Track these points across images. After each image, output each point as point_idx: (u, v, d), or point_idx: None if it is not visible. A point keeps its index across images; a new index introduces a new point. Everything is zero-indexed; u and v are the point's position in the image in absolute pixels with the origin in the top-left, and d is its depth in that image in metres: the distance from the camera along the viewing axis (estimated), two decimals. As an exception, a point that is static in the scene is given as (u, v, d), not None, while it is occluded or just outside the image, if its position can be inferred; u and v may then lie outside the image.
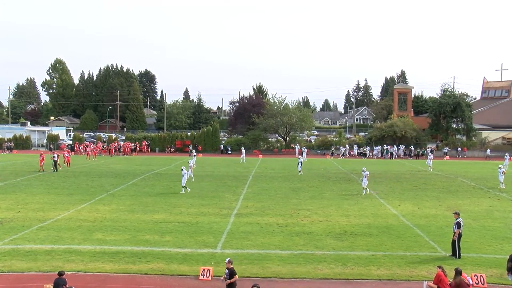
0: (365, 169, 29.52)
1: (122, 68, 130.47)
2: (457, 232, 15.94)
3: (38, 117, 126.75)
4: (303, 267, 14.73)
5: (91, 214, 21.61)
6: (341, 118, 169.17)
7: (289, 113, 69.36)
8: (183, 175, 28.45)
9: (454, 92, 72.56)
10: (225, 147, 68.16)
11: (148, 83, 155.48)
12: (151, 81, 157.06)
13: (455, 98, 68.02)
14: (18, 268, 14.22)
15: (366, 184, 28.86)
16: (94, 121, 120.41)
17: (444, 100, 67.83)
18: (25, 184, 31.50)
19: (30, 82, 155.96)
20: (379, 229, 19.73)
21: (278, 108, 70.98)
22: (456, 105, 66.37)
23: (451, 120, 68.63)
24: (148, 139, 69.87)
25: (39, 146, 71.06)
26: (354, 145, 67.36)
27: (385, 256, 15.93)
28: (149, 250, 16.16)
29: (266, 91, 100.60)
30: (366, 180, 28.85)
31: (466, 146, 64.97)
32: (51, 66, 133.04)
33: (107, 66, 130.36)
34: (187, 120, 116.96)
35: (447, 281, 11.90)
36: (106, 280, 13.48)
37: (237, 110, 79.48)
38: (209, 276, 13.63)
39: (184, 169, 28.99)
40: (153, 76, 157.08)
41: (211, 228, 19.43)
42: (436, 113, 68.46)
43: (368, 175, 29.01)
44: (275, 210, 23.48)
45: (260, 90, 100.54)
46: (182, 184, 28.51)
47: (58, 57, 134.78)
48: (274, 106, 71.90)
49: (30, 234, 18.05)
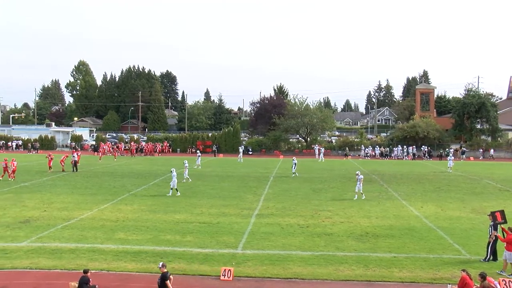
0: (359, 173, 27.84)
1: (144, 69, 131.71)
2: (493, 234, 15.51)
3: (62, 118, 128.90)
4: (324, 268, 14.63)
5: (114, 214, 21.91)
6: (362, 119, 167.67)
7: (310, 113, 69.09)
8: (173, 177, 27.61)
9: (478, 92, 71.21)
10: (246, 148, 68.32)
11: (170, 84, 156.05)
12: (172, 82, 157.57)
13: (480, 98, 66.71)
14: (44, 266, 14.50)
15: (361, 188, 27.08)
16: (116, 122, 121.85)
17: (468, 100, 66.60)
18: (50, 184, 32.15)
19: (55, 83, 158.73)
20: (401, 230, 19.48)
21: (299, 109, 70.79)
22: (481, 105, 65.09)
23: (475, 120, 67.36)
24: (170, 140, 70.49)
25: (63, 147, 72.39)
26: (375, 145, 66.74)
27: (407, 258, 15.71)
28: (171, 250, 16.28)
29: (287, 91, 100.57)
30: (360, 185, 27.07)
31: (491, 147, 63.61)
32: (75, 68, 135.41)
33: (129, 67, 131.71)
34: (208, 121, 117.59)
35: (472, 285, 11.63)
36: (129, 279, 13.61)
37: (258, 110, 79.62)
38: (230, 276, 13.64)
39: (173, 170, 28.13)
40: (174, 77, 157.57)
41: (232, 228, 19.47)
42: (459, 113, 67.30)
43: (362, 179, 27.33)
44: (296, 211, 23.41)
45: (281, 90, 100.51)
46: (171, 186, 27.65)
47: (82, 59, 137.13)
48: (295, 107, 71.75)
49: (55, 232, 18.40)
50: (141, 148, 64.43)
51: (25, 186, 30.92)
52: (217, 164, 50.22)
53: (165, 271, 11.77)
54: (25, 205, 23.91)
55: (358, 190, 27.02)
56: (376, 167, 48.07)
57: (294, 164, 38.81)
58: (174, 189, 27.43)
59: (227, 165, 48.84)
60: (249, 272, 14.23)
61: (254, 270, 14.40)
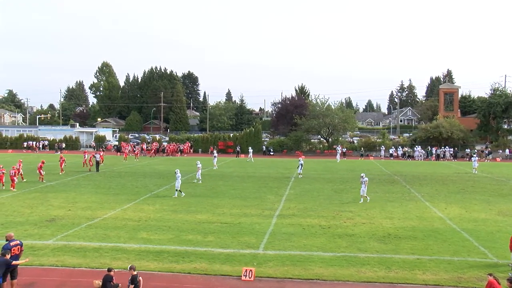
0: (363, 175, 26.66)
1: (166, 70, 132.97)
2: None
3: (86, 118, 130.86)
4: (346, 270, 14.51)
5: (136, 214, 22.16)
6: (384, 119, 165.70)
7: (331, 114, 68.73)
8: (177, 178, 27.26)
9: (505, 92, 69.64)
10: (267, 148, 68.33)
11: (191, 85, 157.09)
12: (194, 82, 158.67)
13: (507, 98, 65.24)
14: (69, 263, 14.77)
15: (365, 192, 26.08)
16: (139, 122, 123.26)
17: (494, 100, 65.23)
18: (74, 183, 32.75)
19: (79, 85, 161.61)
20: (424, 232, 19.19)
21: (320, 109, 70.45)
22: (508, 104, 63.69)
23: (502, 120, 65.93)
24: (191, 140, 70.95)
25: (87, 147, 73.53)
26: (398, 146, 65.97)
27: (431, 261, 15.46)
28: (192, 249, 16.36)
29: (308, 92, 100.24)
30: (365, 188, 26.06)
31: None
32: (98, 69, 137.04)
33: (151, 68, 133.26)
34: (229, 121, 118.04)
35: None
36: (151, 278, 13.71)
37: (279, 111, 79.56)
38: (251, 276, 13.64)
39: (178, 171, 27.67)
40: (196, 77, 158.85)
41: (253, 229, 19.48)
42: (485, 113, 65.99)
43: (367, 182, 26.40)
44: (317, 211, 23.30)
45: (303, 91, 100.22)
46: (176, 187, 27.22)
47: (105, 60, 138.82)
48: (316, 107, 71.44)
49: (80, 231, 18.73)
50: (163, 149, 65.05)
51: (50, 185, 31.59)
52: (238, 164, 50.37)
53: (135, 274, 11.78)
54: (51, 204, 24.46)
55: (363, 193, 26.09)
56: (399, 168, 47.50)
57: (300, 164, 38.37)
58: (178, 191, 27.13)
59: (249, 165, 48.93)
60: (270, 272, 14.21)
61: (275, 270, 14.38)
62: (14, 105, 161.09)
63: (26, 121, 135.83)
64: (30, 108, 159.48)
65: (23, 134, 76.58)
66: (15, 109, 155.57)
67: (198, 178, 33.85)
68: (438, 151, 60.88)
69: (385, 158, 61.84)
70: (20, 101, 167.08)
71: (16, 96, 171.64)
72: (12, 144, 73.48)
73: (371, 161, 57.82)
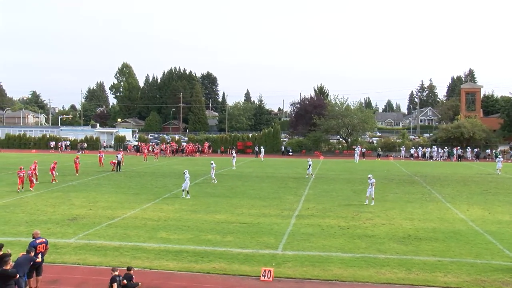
0: (371, 177, 25.83)
1: (185, 70, 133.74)
2: None
3: (107, 119, 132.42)
4: (365, 271, 14.40)
5: (156, 213, 22.33)
6: (404, 119, 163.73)
7: (350, 114, 68.28)
8: (185, 179, 27.12)
9: (530, 90, 68.18)
10: (286, 149, 68.23)
11: (210, 85, 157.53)
12: (213, 83, 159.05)
13: (532, 97, 63.93)
14: (91, 262, 14.99)
15: (373, 193, 25.26)
16: (158, 122, 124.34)
17: (518, 99, 63.95)
18: (95, 183, 33.22)
19: (99, 85, 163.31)
20: (445, 234, 18.90)
21: (339, 109, 70.05)
22: (533, 103, 62.37)
23: (527, 120, 64.58)
24: (210, 140, 71.26)
25: (108, 147, 74.36)
26: (418, 146, 65.15)
27: (452, 263, 15.21)
28: (211, 249, 16.41)
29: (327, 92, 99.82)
30: (372, 189, 25.20)
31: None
32: (119, 70, 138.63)
33: (170, 69, 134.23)
34: (248, 122, 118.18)
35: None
36: (170, 277, 13.82)
37: (298, 111, 79.41)
38: (270, 277, 13.62)
39: (186, 172, 27.66)
40: (215, 78, 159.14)
41: (272, 229, 19.46)
42: (508, 113, 64.77)
43: (374, 183, 25.46)
44: (336, 212, 23.17)
45: (321, 91, 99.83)
46: (183, 187, 27.10)
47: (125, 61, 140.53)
48: (335, 107, 71.05)
49: (100, 230, 18.99)
50: (182, 149, 65.45)
51: (72, 185, 32.09)
52: (257, 164, 50.42)
53: (116, 274, 11.73)
54: (72, 203, 24.86)
55: (370, 194, 25.34)
56: (419, 168, 46.91)
57: (309, 165, 38.00)
58: (185, 191, 26.97)
59: (267, 165, 48.93)
60: (289, 273, 14.18)
61: (294, 271, 14.34)
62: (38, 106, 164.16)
63: (48, 122, 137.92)
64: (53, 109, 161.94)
65: (46, 135, 77.81)
66: (38, 110, 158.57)
67: (213, 178, 33.92)
68: (459, 152, 59.91)
69: (405, 159, 61.15)
70: (43, 102, 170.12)
71: (39, 97, 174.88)
72: (35, 144, 74.84)
73: (391, 161, 57.23)
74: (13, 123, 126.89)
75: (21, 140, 76.47)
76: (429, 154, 60.97)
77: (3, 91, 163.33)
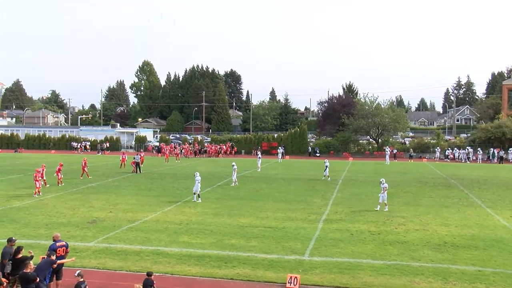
0: (383, 181, 24.57)
1: (208, 68, 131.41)
2: None
3: (127, 119, 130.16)
4: (398, 279, 13.61)
5: (177, 217, 21.91)
6: (439, 119, 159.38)
7: (381, 113, 66.58)
8: (196, 181, 26.00)
9: None
10: (313, 149, 67.18)
11: (234, 84, 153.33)
12: (237, 81, 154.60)
13: None
14: (111, 266, 14.68)
15: (385, 199, 23.83)
16: (180, 122, 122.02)
17: None
18: (115, 185, 32.97)
19: (120, 84, 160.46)
20: (486, 242, 17.77)
21: (369, 108, 68.41)
22: None
23: None
24: (234, 141, 70.43)
25: (128, 148, 73.60)
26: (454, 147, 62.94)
27: (495, 274, 14.15)
28: (235, 254, 15.94)
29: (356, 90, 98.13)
30: (384, 194, 23.79)
31: None
32: (139, 68, 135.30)
33: (192, 67, 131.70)
34: (273, 121, 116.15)
35: None
36: (193, 283, 13.42)
37: (325, 110, 78.21)
38: (296, 284, 13.06)
39: (197, 174, 26.39)
40: (239, 76, 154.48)
41: (298, 234, 18.82)
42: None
43: (387, 188, 24.14)
44: (366, 216, 22.30)
45: (350, 89, 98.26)
46: (194, 190, 26.16)
47: (146, 59, 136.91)
48: (365, 106, 69.44)
49: (121, 234, 18.65)
50: (204, 150, 64.88)
51: (92, 186, 31.88)
52: (283, 166, 49.63)
53: (81, 281, 11.14)
54: (92, 205, 24.59)
55: (382, 200, 24.05)
56: (455, 171, 45.20)
57: (326, 166, 36.80)
58: (196, 195, 26.12)
59: (293, 167, 48.11)
60: (316, 280, 13.61)
61: (321, 278, 13.76)
62: (57, 106, 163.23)
63: (68, 122, 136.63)
64: (72, 109, 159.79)
65: (65, 135, 77.43)
66: (58, 110, 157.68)
67: (234, 180, 32.90)
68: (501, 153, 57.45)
69: (440, 160, 59.23)
70: (63, 102, 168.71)
71: (59, 96, 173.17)
72: (55, 145, 74.28)
73: (425, 163, 55.51)
74: (32, 123, 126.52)
75: (41, 140, 76.00)
76: (465, 155, 58.83)
77: (23, 90, 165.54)
